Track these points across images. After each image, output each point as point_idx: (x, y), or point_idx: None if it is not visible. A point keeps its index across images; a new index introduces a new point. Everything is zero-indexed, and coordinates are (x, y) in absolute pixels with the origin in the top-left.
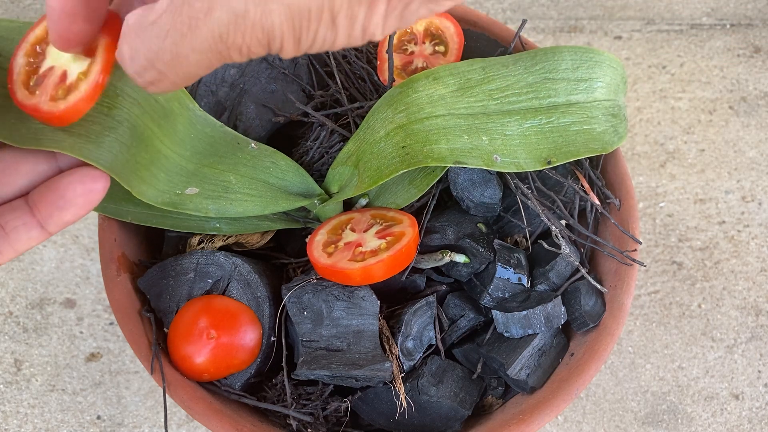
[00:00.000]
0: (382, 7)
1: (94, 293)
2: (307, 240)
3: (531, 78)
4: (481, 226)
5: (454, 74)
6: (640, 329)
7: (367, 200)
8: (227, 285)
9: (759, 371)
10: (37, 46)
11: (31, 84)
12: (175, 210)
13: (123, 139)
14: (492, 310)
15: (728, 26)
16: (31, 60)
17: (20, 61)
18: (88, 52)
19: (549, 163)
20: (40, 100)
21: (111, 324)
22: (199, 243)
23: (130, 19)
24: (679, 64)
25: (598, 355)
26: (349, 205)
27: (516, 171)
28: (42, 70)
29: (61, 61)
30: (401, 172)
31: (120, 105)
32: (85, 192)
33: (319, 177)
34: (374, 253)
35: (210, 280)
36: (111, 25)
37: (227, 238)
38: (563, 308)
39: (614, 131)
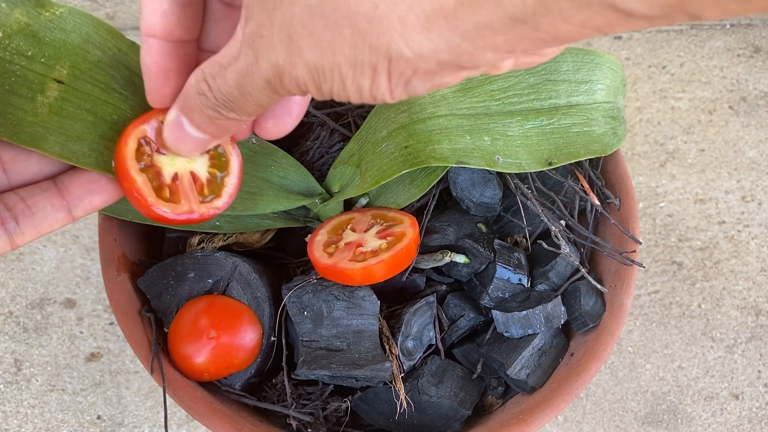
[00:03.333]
0: (384, 82)
1: (94, 293)
2: (307, 240)
3: (533, 79)
4: (481, 226)
5: None
6: (640, 329)
7: (368, 200)
8: (227, 285)
9: (759, 371)
10: (143, 148)
11: (165, 191)
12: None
13: (109, 136)
14: (492, 310)
15: (728, 26)
16: (146, 163)
17: (136, 168)
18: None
19: (550, 164)
20: (192, 206)
21: (111, 324)
22: (199, 243)
23: (195, 75)
24: (679, 64)
25: (598, 355)
26: (349, 205)
27: (517, 171)
28: (166, 178)
29: (179, 166)
30: (403, 171)
31: (107, 102)
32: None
33: (320, 176)
34: (375, 253)
35: (210, 280)
36: None
37: (227, 238)
38: (563, 308)
39: (613, 133)
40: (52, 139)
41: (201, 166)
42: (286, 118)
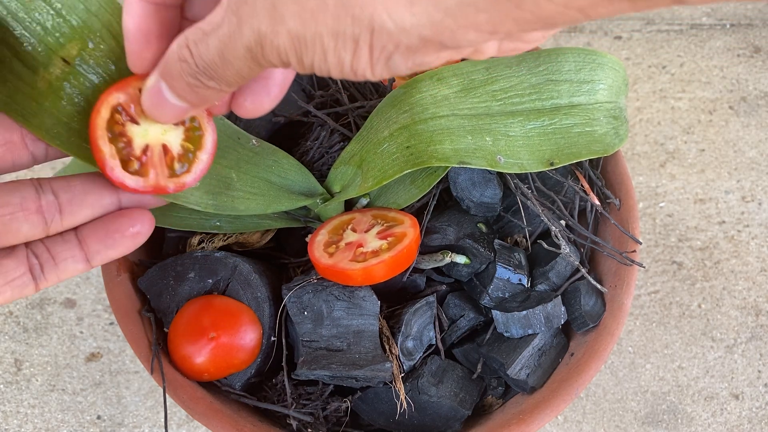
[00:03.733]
0: (365, 55)
1: (94, 293)
2: (307, 240)
3: (534, 79)
4: (482, 226)
5: (457, 75)
6: (640, 329)
7: (368, 200)
8: (227, 285)
9: (759, 371)
10: (117, 117)
11: (133, 163)
12: (176, 202)
13: None
14: (492, 310)
15: (728, 26)
16: (115, 135)
17: (105, 140)
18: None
19: (552, 164)
20: (158, 179)
21: (111, 324)
22: (199, 243)
23: (177, 41)
24: (679, 64)
25: (598, 355)
26: (349, 205)
27: (519, 172)
28: (136, 150)
29: (152, 138)
30: (405, 172)
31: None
32: (133, 234)
33: (320, 176)
34: (375, 253)
35: (210, 280)
36: None
37: (227, 238)
38: (563, 308)
39: (615, 133)
40: (42, 117)
41: (175, 139)
42: (263, 97)
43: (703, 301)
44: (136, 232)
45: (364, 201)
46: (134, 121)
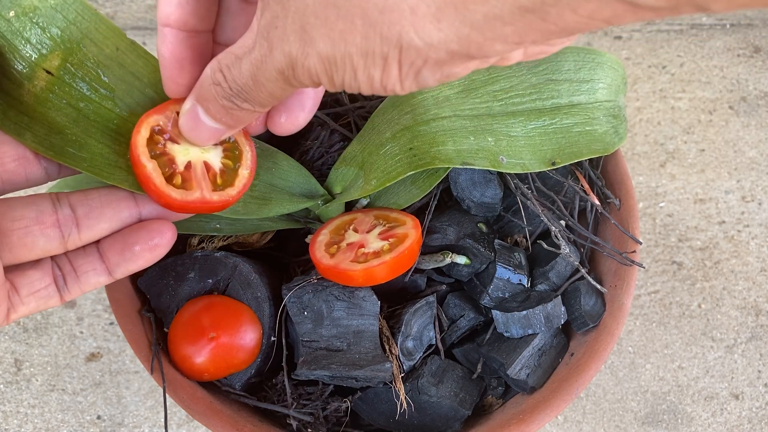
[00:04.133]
0: (394, 71)
1: (94, 293)
2: (307, 240)
3: (534, 79)
4: (482, 225)
5: None
6: (640, 329)
7: (369, 200)
8: (227, 285)
9: (759, 371)
10: (157, 138)
11: (177, 178)
12: None
13: (90, 133)
14: (492, 310)
15: (728, 26)
16: (157, 154)
17: (147, 156)
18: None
19: (553, 164)
20: (203, 193)
21: (111, 324)
22: (199, 243)
23: (211, 66)
24: (679, 64)
25: (598, 355)
26: (349, 205)
27: (522, 172)
28: (179, 166)
29: (193, 156)
30: (408, 173)
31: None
32: (152, 247)
33: (319, 176)
34: (377, 254)
35: (210, 280)
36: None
37: (227, 238)
38: (563, 308)
39: (615, 132)
40: (34, 129)
41: (215, 157)
42: (298, 112)
43: (703, 301)
44: (155, 245)
45: (365, 201)
46: (174, 142)
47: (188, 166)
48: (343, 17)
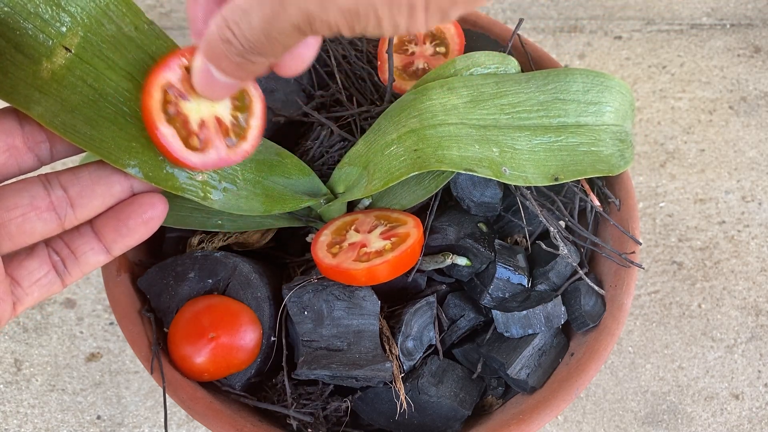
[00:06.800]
0: (421, 17)
1: (94, 293)
2: (308, 240)
3: (542, 97)
4: (482, 225)
5: (468, 86)
6: (640, 329)
7: (371, 201)
8: (227, 285)
9: (759, 371)
10: (169, 96)
11: (194, 140)
12: (180, 194)
13: (105, 114)
14: (492, 310)
15: (728, 26)
16: (171, 115)
17: (164, 121)
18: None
19: (556, 179)
20: (220, 153)
21: (111, 324)
22: (199, 243)
23: (216, 22)
24: (679, 64)
25: (598, 355)
26: (351, 206)
27: (524, 185)
28: (194, 125)
29: (204, 112)
30: (411, 174)
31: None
32: (146, 221)
33: (320, 176)
34: (379, 253)
35: (210, 280)
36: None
37: (227, 238)
38: (563, 308)
39: (621, 155)
40: (45, 105)
41: (224, 110)
42: (303, 50)
43: (703, 301)
44: (148, 218)
45: (367, 202)
46: (184, 98)
47: (202, 123)
48: None
